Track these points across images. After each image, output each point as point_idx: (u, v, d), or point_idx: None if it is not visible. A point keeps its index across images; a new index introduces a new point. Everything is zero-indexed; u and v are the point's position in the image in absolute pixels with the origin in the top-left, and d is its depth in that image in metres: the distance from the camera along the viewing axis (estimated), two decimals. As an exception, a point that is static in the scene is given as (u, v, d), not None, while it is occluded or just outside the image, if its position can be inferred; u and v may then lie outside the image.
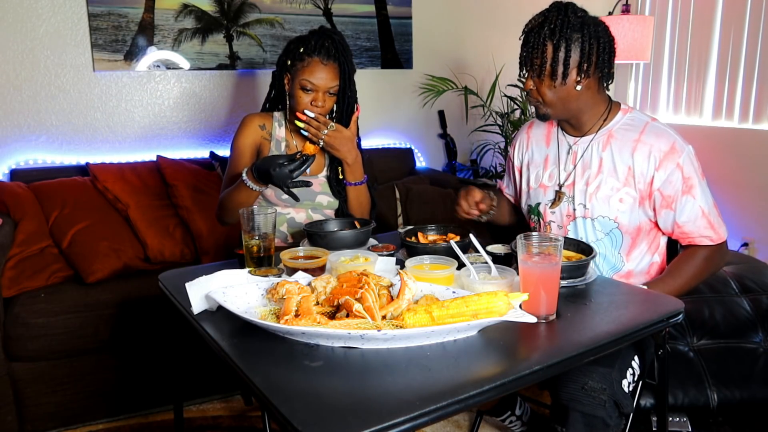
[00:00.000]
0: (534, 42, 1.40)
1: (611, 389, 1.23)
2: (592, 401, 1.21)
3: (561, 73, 1.40)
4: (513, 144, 1.75)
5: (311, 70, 1.68)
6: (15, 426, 1.92)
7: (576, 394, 1.23)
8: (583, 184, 1.52)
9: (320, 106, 1.69)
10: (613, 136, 1.50)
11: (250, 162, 1.74)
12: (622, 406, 1.24)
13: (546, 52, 1.40)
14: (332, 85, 1.70)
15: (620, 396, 1.24)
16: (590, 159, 1.51)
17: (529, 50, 1.42)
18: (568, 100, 1.45)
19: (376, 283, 1.10)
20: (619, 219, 1.48)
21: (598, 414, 1.21)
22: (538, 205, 1.62)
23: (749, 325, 1.90)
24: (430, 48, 3.29)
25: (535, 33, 1.41)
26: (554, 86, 1.42)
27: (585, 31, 1.39)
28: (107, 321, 2.00)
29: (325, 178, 1.82)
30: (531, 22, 1.45)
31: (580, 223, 1.53)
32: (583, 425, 1.21)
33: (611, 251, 1.51)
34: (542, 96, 1.45)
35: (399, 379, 0.91)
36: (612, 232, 1.50)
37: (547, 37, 1.39)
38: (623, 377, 1.31)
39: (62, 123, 2.57)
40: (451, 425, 2.06)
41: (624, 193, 1.47)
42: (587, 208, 1.51)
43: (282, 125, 1.82)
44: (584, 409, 1.21)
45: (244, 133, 1.78)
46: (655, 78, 3.43)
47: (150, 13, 2.62)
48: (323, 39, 1.70)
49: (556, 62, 1.39)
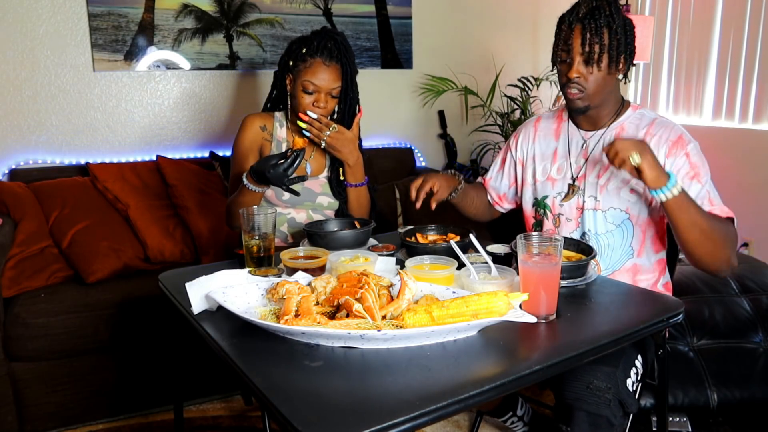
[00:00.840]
0: (590, 27, 1.41)
1: (616, 388, 1.23)
2: (597, 400, 1.21)
3: (614, 59, 1.43)
4: (515, 136, 1.73)
5: (313, 72, 1.67)
6: (15, 426, 1.92)
7: (581, 393, 1.23)
8: (594, 176, 1.53)
9: (322, 107, 1.69)
10: (624, 130, 1.52)
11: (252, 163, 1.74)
12: (627, 405, 1.24)
13: (603, 37, 1.41)
14: (334, 86, 1.69)
15: (625, 395, 1.25)
16: (600, 152, 1.53)
17: (583, 35, 1.42)
18: (606, 87, 1.47)
19: (376, 283, 1.10)
20: (630, 210, 1.49)
21: (602, 413, 1.21)
22: (545, 198, 1.62)
23: (749, 325, 1.90)
24: (430, 48, 3.29)
25: (590, 18, 1.42)
26: (606, 73, 1.44)
27: (624, 19, 1.44)
28: (107, 321, 2.00)
29: (326, 179, 1.82)
30: (575, 9, 1.46)
31: (590, 215, 1.53)
32: (588, 424, 1.21)
33: (621, 243, 1.52)
34: (588, 83, 1.45)
35: (399, 379, 0.91)
36: (623, 224, 1.50)
37: (603, 23, 1.41)
38: (627, 376, 1.31)
39: (62, 123, 2.57)
40: (451, 425, 2.06)
41: (635, 183, 1.48)
42: (598, 200, 1.52)
43: (283, 125, 1.81)
44: (589, 408, 1.21)
45: (244, 135, 1.77)
46: (655, 78, 3.44)
47: (150, 13, 2.62)
48: (326, 40, 1.69)
49: (612, 48, 1.42)
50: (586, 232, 1.54)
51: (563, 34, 1.46)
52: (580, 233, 1.55)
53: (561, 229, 1.59)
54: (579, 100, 1.48)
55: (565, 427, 1.25)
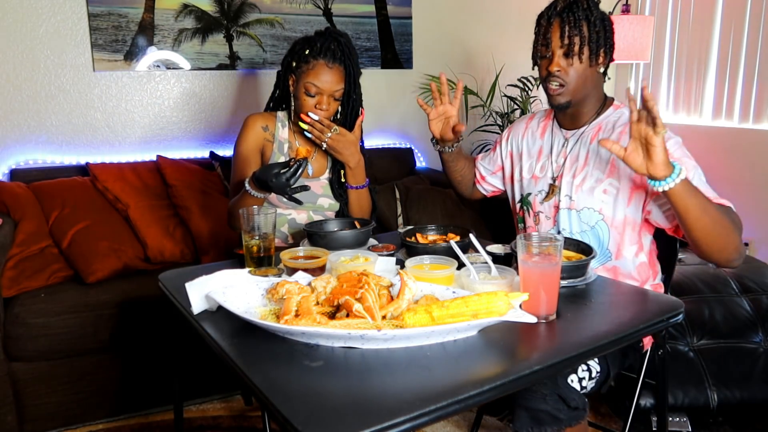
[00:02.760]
0: (569, 20, 1.43)
1: (552, 382, 1.22)
2: (533, 395, 1.20)
3: (594, 51, 1.44)
4: (509, 129, 1.77)
5: (316, 73, 1.66)
6: (15, 426, 1.92)
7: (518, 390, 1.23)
8: (570, 176, 1.53)
9: (324, 109, 1.68)
10: (601, 129, 1.53)
11: (254, 165, 1.74)
12: (568, 400, 1.22)
13: (582, 30, 1.43)
14: (337, 88, 1.68)
15: (564, 390, 1.23)
16: (578, 151, 1.53)
17: (562, 28, 1.43)
18: (587, 81, 1.48)
19: (376, 283, 1.10)
20: (604, 210, 1.48)
21: (541, 407, 1.20)
22: (528, 196, 1.64)
23: (749, 325, 1.90)
24: (430, 48, 3.29)
25: (567, 11, 1.43)
26: (585, 66, 1.45)
27: (602, 14, 1.47)
28: (107, 321, 2.00)
29: (327, 180, 1.82)
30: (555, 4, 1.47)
31: (565, 214, 1.54)
32: (529, 419, 1.20)
33: (597, 245, 1.51)
34: (568, 77, 1.46)
35: (399, 379, 0.91)
36: (597, 225, 1.50)
37: (582, 16, 1.42)
38: (572, 372, 1.30)
39: (62, 123, 2.57)
40: (451, 425, 2.06)
41: (608, 184, 1.48)
42: (573, 199, 1.52)
43: (285, 126, 1.81)
44: (527, 404, 1.21)
45: (246, 136, 1.76)
46: (655, 78, 3.44)
47: (150, 13, 2.62)
48: (329, 41, 1.68)
49: (592, 40, 1.43)
50: (560, 231, 1.55)
51: (542, 30, 1.48)
52: (556, 232, 1.56)
53: (540, 227, 1.60)
54: (560, 95, 1.48)
55: (509, 423, 1.24)
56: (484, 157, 1.83)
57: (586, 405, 1.24)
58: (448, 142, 1.67)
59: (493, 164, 1.79)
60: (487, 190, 1.85)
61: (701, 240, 1.30)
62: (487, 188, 1.84)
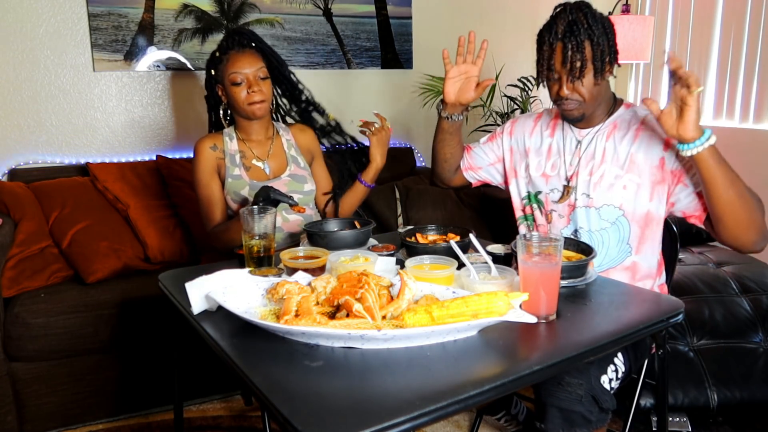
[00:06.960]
0: (571, 44, 1.40)
1: (588, 384, 1.23)
2: (568, 396, 1.20)
3: (600, 67, 1.42)
4: (513, 122, 1.72)
5: (232, 63, 1.72)
6: (15, 426, 1.92)
7: (552, 389, 1.23)
8: (586, 174, 1.52)
9: (256, 91, 1.71)
10: (616, 127, 1.52)
11: (217, 187, 1.77)
12: (601, 402, 1.23)
13: (585, 51, 1.40)
14: (258, 67, 1.73)
15: (598, 391, 1.24)
16: (594, 149, 1.53)
17: (565, 54, 1.40)
18: (599, 94, 1.47)
19: (376, 283, 1.10)
20: (624, 206, 1.48)
21: (575, 409, 1.20)
22: (538, 194, 1.62)
23: (749, 325, 1.90)
24: (430, 48, 3.29)
25: (569, 35, 1.40)
26: (593, 82, 1.44)
27: (603, 22, 1.43)
28: (107, 321, 2.00)
29: (288, 177, 1.83)
30: (552, 26, 1.43)
31: (582, 213, 1.53)
32: (561, 420, 1.20)
33: (617, 241, 1.51)
34: (581, 95, 1.45)
35: (399, 379, 0.91)
36: (618, 221, 1.50)
37: (584, 36, 1.40)
38: (603, 373, 1.30)
39: (62, 123, 2.57)
40: (451, 425, 2.06)
41: (627, 180, 1.47)
42: (591, 197, 1.51)
43: (233, 138, 1.82)
44: (561, 404, 1.21)
45: (200, 162, 1.78)
46: (655, 78, 3.44)
47: (150, 13, 2.62)
48: (232, 35, 1.77)
49: (596, 59, 1.41)
50: (578, 229, 1.54)
51: (545, 54, 1.45)
52: (572, 230, 1.55)
53: (552, 225, 1.59)
54: (574, 111, 1.48)
55: (540, 423, 1.24)
56: (478, 147, 1.77)
57: (614, 406, 1.26)
58: (458, 108, 1.63)
59: (493, 154, 1.74)
60: (473, 178, 1.79)
61: (727, 216, 1.30)
62: (473, 177, 1.78)
